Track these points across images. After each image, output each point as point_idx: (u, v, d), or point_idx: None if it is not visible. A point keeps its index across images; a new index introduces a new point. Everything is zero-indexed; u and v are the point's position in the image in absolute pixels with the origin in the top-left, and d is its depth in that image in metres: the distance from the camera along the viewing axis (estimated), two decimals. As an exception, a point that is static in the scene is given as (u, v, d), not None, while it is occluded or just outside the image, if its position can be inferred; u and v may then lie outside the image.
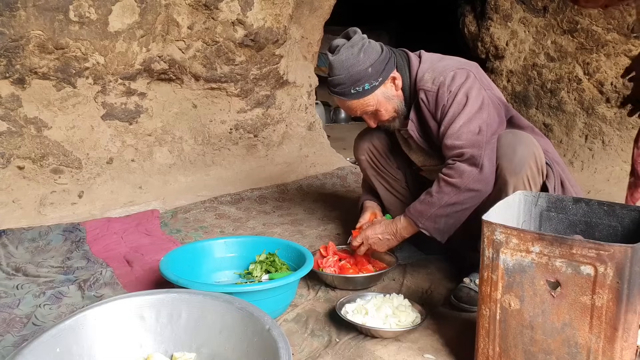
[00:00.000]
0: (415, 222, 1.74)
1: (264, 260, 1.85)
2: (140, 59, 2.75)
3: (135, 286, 1.79)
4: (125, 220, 2.45)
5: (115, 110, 2.78)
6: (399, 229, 1.81)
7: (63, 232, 2.25)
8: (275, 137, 3.54)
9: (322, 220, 2.62)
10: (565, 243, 1.12)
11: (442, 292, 1.83)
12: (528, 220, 1.50)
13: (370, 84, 1.71)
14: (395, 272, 1.98)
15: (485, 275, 1.25)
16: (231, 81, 3.19)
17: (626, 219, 1.36)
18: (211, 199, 2.87)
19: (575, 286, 1.12)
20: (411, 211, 1.75)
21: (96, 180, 2.72)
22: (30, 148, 2.52)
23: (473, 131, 1.64)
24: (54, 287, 1.73)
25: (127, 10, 2.61)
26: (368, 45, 1.72)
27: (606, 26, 3.37)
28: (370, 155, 2.09)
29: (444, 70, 1.72)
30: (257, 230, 2.49)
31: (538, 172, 1.67)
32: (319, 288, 1.85)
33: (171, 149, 3.06)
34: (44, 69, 2.48)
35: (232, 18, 3.00)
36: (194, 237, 2.36)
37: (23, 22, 2.34)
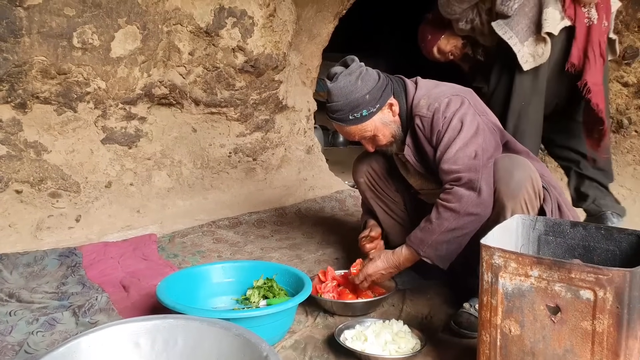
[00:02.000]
0: (417, 251, 1.73)
1: (261, 285, 1.83)
2: (141, 84, 2.78)
3: (131, 312, 1.77)
4: (122, 245, 2.44)
5: (115, 134, 2.79)
6: (402, 261, 1.79)
7: (59, 257, 2.23)
8: (274, 160, 3.56)
9: (320, 245, 2.61)
10: (564, 267, 1.12)
11: (442, 318, 1.82)
12: (526, 244, 1.50)
13: (368, 110, 1.73)
14: (395, 297, 1.96)
15: (485, 300, 1.24)
16: (231, 106, 3.22)
17: (624, 243, 1.36)
18: (209, 223, 2.87)
19: (576, 311, 1.12)
20: (412, 239, 1.75)
21: (94, 204, 2.72)
22: (29, 172, 2.52)
23: (469, 155, 1.66)
24: (48, 314, 1.71)
25: (129, 37, 2.65)
26: (365, 73, 1.75)
27: (599, 53, 3.43)
28: (369, 178, 2.10)
29: (439, 96, 1.75)
30: (255, 254, 2.48)
31: (535, 196, 1.67)
32: (318, 314, 1.83)
33: (170, 172, 3.07)
34: (45, 94, 2.50)
35: (233, 45, 3.04)
36: (191, 261, 2.35)
37: (27, 48, 2.37)
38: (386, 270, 1.82)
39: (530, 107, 2.41)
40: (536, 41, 2.33)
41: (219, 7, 2.95)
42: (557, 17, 2.30)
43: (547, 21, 2.29)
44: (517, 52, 2.34)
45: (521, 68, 2.35)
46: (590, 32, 2.31)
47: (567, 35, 2.33)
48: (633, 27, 3.26)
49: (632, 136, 3.40)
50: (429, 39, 2.74)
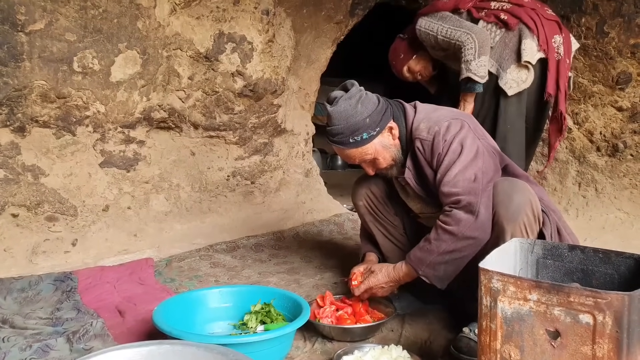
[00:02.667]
0: (416, 270, 1.75)
1: (259, 310, 1.81)
2: (141, 108, 2.80)
3: (127, 337, 1.75)
4: (119, 269, 2.42)
5: (113, 158, 2.80)
6: (402, 277, 1.82)
7: (54, 282, 2.21)
8: (273, 183, 3.56)
9: (319, 269, 2.59)
10: (563, 291, 1.11)
11: (442, 343, 1.80)
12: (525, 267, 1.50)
13: (368, 134, 1.75)
14: (394, 322, 1.94)
15: (484, 324, 1.23)
16: (230, 129, 3.24)
17: (622, 266, 1.35)
18: (206, 247, 2.85)
19: (575, 336, 1.11)
20: (411, 258, 1.76)
21: (91, 228, 2.71)
22: (26, 195, 2.52)
23: (469, 179, 1.67)
24: (41, 340, 1.68)
25: (129, 62, 2.69)
26: (365, 97, 1.78)
27: (592, 78, 3.48)
28: (368, 201, 2.10)
29: (439, 120, 1.77)
30: (253, 279, 2.46)
31: (535, 220, 1.68)
32: (316, 339, 1.81)
33: (168, 196, 3.07)
34: (44, 118, 2.51)
35: (232, 69, 3.08)
36: (188, 286, 2.33)
37: (27, 73, 2.39)
38: (387, 284, 1.86)
39: (515, 130, 2.60)
40: (518, 68, 2.53)
41: (219, 33, 3.00)
42: (534, 49, 2.52)
43: (526, 51, 2.50)
44: (500, 79, 2.54)
45: (506, 93, 2.54)
46: (559, 66, 2.56)
47: (541, 67, 2.56)
48: (626, 53, 3.31)
49: (627, 160, 3.42)
50: (401, 57, 2.85)
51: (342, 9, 3.76)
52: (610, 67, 3.39)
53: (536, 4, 2.65)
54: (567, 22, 3.48)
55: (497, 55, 2.56)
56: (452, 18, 2.60)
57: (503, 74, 2.54)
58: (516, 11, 2.57)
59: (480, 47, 2.47)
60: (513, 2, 2.61)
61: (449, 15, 2.63)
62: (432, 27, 2.61)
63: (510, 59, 2.54)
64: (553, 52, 2.55)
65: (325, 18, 3.70)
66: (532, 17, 2.57)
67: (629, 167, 3.45)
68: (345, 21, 3.88)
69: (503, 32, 2.56)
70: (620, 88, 3.39)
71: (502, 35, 2.56)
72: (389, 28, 3.83)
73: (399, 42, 2.88)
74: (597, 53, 3.41)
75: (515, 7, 2.59)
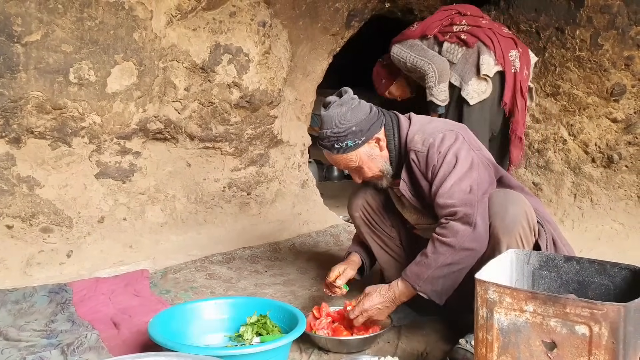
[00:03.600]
0: (413, 286, 1.72)
1: (255, 322, 1.80)
2: (137, 119, 2.80)
3: (122, 350, 1.74)
4: (114, 281, 2.41)
5: (109, 169, 2.79)
6: (398, 295, 1.78)
7: (48, 294, 2.19)
8: (269, 195, 3.56)
9: (315, 280, 2.58)
10: (559, 302, 1.12)
11: (438, 355, 1.79)
12: (521, 278, 1.50)
13: (353, 142, 1.77)
14: (390, 334, 1.93)
15: (480, 335, 1.23)
16: (226, 140, 3.24)
17: (617, 277, 1.36)
18: (202, 259, 2.84)
19: (572, 347, 1.11)
20: (408, 274, 1.74)
21: (86, 240, 2.69)
22: (21, 207, 2.50)
23: (464, 190, 1.67)
24: (35, 352, 1.66)
25: (125, 73, 2.69)
26: (357, 105, 1.80)
27: (586, 90, 3.51)
28: (364, 212, 2.10)
29: (434, 132, 1.78)
30: (248, 290, 2.45)
31: (530, 231, 1.68)
32: (312, 351, 1.80)
33: (163, 207, 3.06)
34: (40, 129, 2.51)
35: (228, 81, 3.09)
36: (184, 298, 2.31)
37: (23, 84, 2.39)
38: (382, 305, 1.80)
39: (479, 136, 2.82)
40: (478, 81, 2.85)
41: (215, 44, 3.01)
42: (492, 63, 2.84)
43: (484, 65, 2.83)
44: (463, 91, 2.86)
45: (468, 103, 2.85)
46: (516, 78, 2.88)
47: (500, 78, 2.89)
48: (620, 65, 3.35)
49: (622, 171, 3.44)
50: (383, 82, 3.28)
51: (338, 21, 3.79)
52: (605, 79, 3.42)
53: (493, 24, 3.02)
54: (561, 34, 3.52)
55: (460, 70, 2.88)
56: (418, 47, 2.95)
57: (465, 86, 2.85)
58: (474, 31, 2.92)
59: (440, 75, 2.84)
60: (471, 24, 2.96)
61: (417, 43, 2.98)
62: (402, 55, 2.97)
63: (470, 72, 2.86)
64: (509, 65, 2.87)
65: (321, 30, 3.73)
66: (489, 35, 2.90)
67: (624, 178, 3.46)
68: (341, 33, 3.91)
69: (464, 50, 2.90)
70: (614, 100, 3.42)
71: (464, 52, 2.90)
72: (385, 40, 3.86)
73: (379, 68, 3.27)
74: (591, 65, 3.44)
75: (474, 27, 2.94)
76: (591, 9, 3.39)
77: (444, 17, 3.05)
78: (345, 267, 2.08)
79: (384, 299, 1.79)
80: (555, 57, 3.59)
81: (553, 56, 3.60)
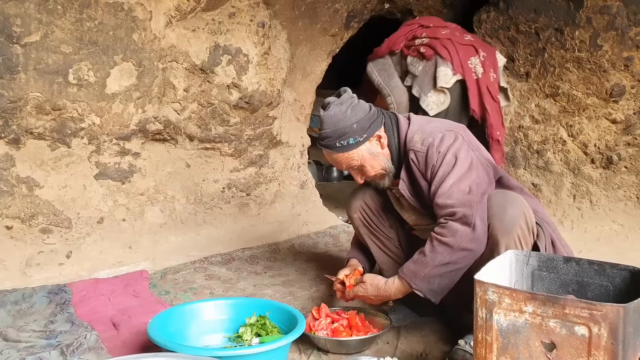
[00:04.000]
0: (409, 283, 1.73)
1: (254, 323, 1.80)
2: (136, 120, 2.80)
3: (121, 350, 1.74)
4: (113, 282, 2.41)
5: (108, 170, 2.79)
6: (393, 292, 1.80)
7: (48, 294, 2.19)
8: (268, 195, 3.56)
9: (314, 281, 2.58)
10: (558, 303, 1.12)
11: (437, 355, 1.79)
12: (520, 279, 1.50)
13: (354, 139, 1.77)
14: (389, 334, 1.93)
15: (480, 336, 1.23)
16: (225, 141, 3.24)
17: (617, 278, 1.36)
18: (201, 259, 2.84)
19: (571, 347, 1.11)
20: (405, 271, 1.75)
21: (85, 240, 2.69)
22: (20, 207, 2.50)
23: (464, 190, 1.67)
24: (35, 353, 1.66)
25: (125, 74, 2.69)
26: (356, 104, 1.81)
27: (585, 91, 3.51)
28: (363, 213, 2.10)
29: (433, 131, 1.78)
30: (248, 291, 2.45)
31: (529, 232, 1.68)
32: (311, 352, 1.80)
33: (163, 208, 3.06)
34: (39, 130, 2.51)
35: (228, 82, 3.09)
36: (183, 298, 2.31)
37: (23, 85, 2.39)
38: (376, 298, 1.86)
39: None
40: (436, 93, 2.98)
41: (215, 45, 3.01)
42: (449, 74, 2.96)
43: (440, 77, 2.95)
44: (422, 102, 2.99)
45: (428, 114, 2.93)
46: (479, 83, 2.99)
47: (462, 87, 3.01)
48: (619, 66, 3.34)
49: (622, 172, 3.44)
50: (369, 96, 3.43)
51: (338, 21, 3.79)
52: (604, 79, 3.42)
53: (454, 34, 3.11)
54: (560, 35, 3.52)
55: (420, 82, 3.02)
56: (386, 71, 3.11)
57: (424, 97, 2.99)
58: (432, 43, 3.04)
59: (397, 107, 3.00)
60: (430, 37, 3.07)
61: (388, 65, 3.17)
62: (372, 76, 3.16)
63: (429, 84, 2.99)
64: (470, 73, 2.99)
65: (321, 31, 3.73)
66: (446, 46, 3.01)
67: (623, 179, 3.46)
68: (341, 34, 3.91)
69: (424, 62, 3.03)
70: (614, 100, 3.41)
71: (424, 65, 3.03)
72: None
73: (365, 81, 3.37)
74: (590, 66, 3.44)
75: (432, 40, 3.06)
76: (590, 9, 3.38)
77: (408, 32, 3.20)
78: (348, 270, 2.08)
79: (378, 293, 1.84)
80: (554, 58, 3.59)
81: (552, 57, 3.60)
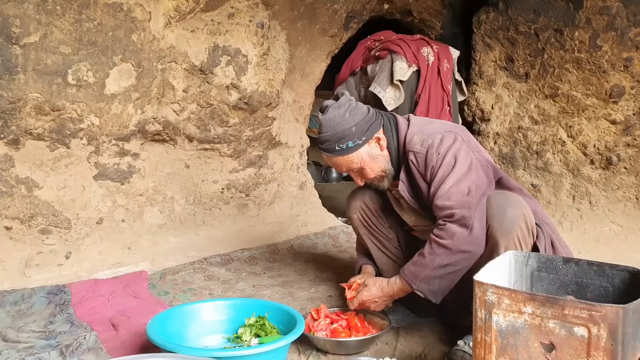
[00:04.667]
0: (410, 284, 1.74)
1: (253, 323, 1.80)
2: (135, 121, 2.80)
3: (120, 351, 1.74)
4: (113, 282, 2.40)
5: (107, 171, 2.79)
6: (396, 291, 1.82)
7: (47, 295, 2.19)
8: (267, 196, 3.56)
9: (313, 282, 2.58)
10: (557, 303, 1.12)
11: (436, 356, 1.79)
12: (519, 280, 1.50)
13: (353, 142, 1.78)
14: (389, 335, 1.93)
15: (479, 337, 1.23)
16: (224, 142, 3.24)
17: (616, 279, 1.36)
18: (200, 260, 2.84)
19: (570, 348, 1.11)
20: (405, 272, 1.76)
21: (85, 241, 2.69)
22: (20, 208, 2.50)
23: (462, 192, 1.67)
24: (34, 354, 1.66)
25: (124, 74, 2.69)
26: (354, 107, 1.81)
27: (585, 92, 3.51)
28: (362, 214, 2.10)
29: (432, 133, 1.78)
30: (247, 292, 2.45)
31: (528, 233, 1.68)
32: (310, 353, 1.80)
33: (162, 209, 3.05)
34: (39, 130, 2.51)
35: (227, 82, 3.09)
36: (182, 299, 2.31)
37: (22, 85, 2.39)
38: (380, 299, 1.86)
39: None
40: (393, 88, 3.18)
41: (214, 46, 3.01)
42: (405, 67, 3.16)
43: (396, 71, 3.14)
44: (382, 98, 3.17)
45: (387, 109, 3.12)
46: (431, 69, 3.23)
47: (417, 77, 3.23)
48: (619, 66, 3.34)
49: (621, 173, 3.44)
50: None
51: (337, 22, 3.79)
52: (604, 80, 3.42)
53: (404, 36, 3.37)
54: (560, 36, 3.52)
55: (378, 79, 3.21)
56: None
57: (383, 93, 3.16)
58: (385, 45, 3.28)
59: None
60: (383, 41, 3.33)
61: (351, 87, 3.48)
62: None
63: (386, 80, 3.17)
64: (424, 60, 3.21)
65: (320, 31, 3.73)
66: (399, 43, 3.21)
67: (622, 180, 3.47)
68: (340, 34, 3.91)
69: (380, 62, 3.24)
70: (613, 101, 3.42)
71: (380, 63, 3.25)
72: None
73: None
74: (590, 66, 3.45)
75: (385, 42, 3.30)
76: (590, 10, 3.39)
77: (363, 50, 3.44)
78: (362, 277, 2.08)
79: (382, 294, 1.85)
80: (554, 59, 3.59)
81: (552, 57, 3.60)
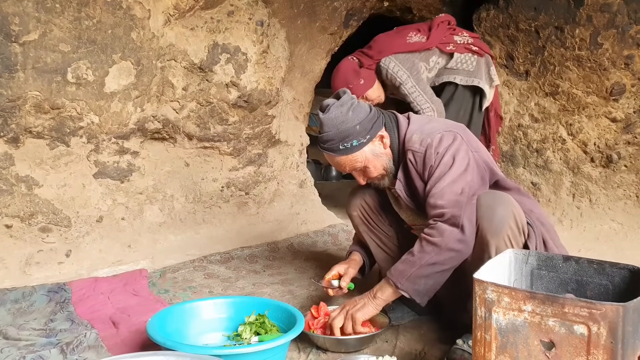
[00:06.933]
0: (395, 284, 1.72)
1: (253, 321, 1.80)
2: (135, 119, 2.80)
3: (121, 349, 1.74)
4: (113, 280, 2.41)
5: (107, 169, 2.79)
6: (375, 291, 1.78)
7: (47, 293, 2.19)
8: (267, 194, 3.56)
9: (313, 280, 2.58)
10: (557, 302, 1.12)
11: (436, 354, 1.79)
12: (519, 278, 1.50)
13: (358, 141, 1.76)
14: (388, 333, 1.93)
15: (479, 335, 1.23)
16: (224, 140, 3.24)
17: (616, 277, 1.36)
18: (200, 258, 2.84)
19: (570, 347, 1.11)
20: (392, 272, 1.75)
21: (85, 239, 2.69)
22: (20, 206, 2.50)
23: (456, 192, 1.67)
24: (35, 351, 1.67)
25: (123, 72, 2.69)
26: (357, 105, 1.79)
27: (585, 89, 3.50)
28: (362, 211, 2.10)
29: (432, 132, 1.77)
30: (247, 290, 2.45)
31: (519, 232, 1.67)
32: (310, 350, 1.80)
33: (162, 207, 3.05)
34: (38, 128, 2.51)
35: (226, 80, 3.09)
36: (182, 297, 2.31)
37: (21, 84, 2.39)
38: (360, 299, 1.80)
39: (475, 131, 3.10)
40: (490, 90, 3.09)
41: (213, 44, 3.00)
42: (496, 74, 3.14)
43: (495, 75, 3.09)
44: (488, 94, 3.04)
45: (480, 108, 3.06)
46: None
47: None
48: (619, 64, 3.34)
49: (621, 171, 3.44)
50: (362, 83, 2.95)
51: (337, 20, 3.78)
52: (604, 78, 3.41)
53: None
54: (561, 33, 3.52)
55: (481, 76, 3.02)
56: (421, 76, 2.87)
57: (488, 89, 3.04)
58: (478, 44, 3.11)
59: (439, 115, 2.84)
60: (473, 37, 3.13)
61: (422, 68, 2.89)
62: (399, 75, 2.84)
63: (486, 81, 3.05)
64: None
65: (320, 29, 3.72)
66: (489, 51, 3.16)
67: (623, 178, 3.46)
68: (340, 32, 3.90)
69: (477, 58, 3.03)
70: (614, 99, 3.41)
71: (477, 60, 3.03)
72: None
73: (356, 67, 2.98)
74: (590, 64, 3.44)
75: (476, 40, 3.14)
76: (591, 7, 3.38)
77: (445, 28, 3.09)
78: (346, 266, 2.10)
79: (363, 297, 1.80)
80: (554, 56, 3.59)
81: (552, 55, 3.59)
